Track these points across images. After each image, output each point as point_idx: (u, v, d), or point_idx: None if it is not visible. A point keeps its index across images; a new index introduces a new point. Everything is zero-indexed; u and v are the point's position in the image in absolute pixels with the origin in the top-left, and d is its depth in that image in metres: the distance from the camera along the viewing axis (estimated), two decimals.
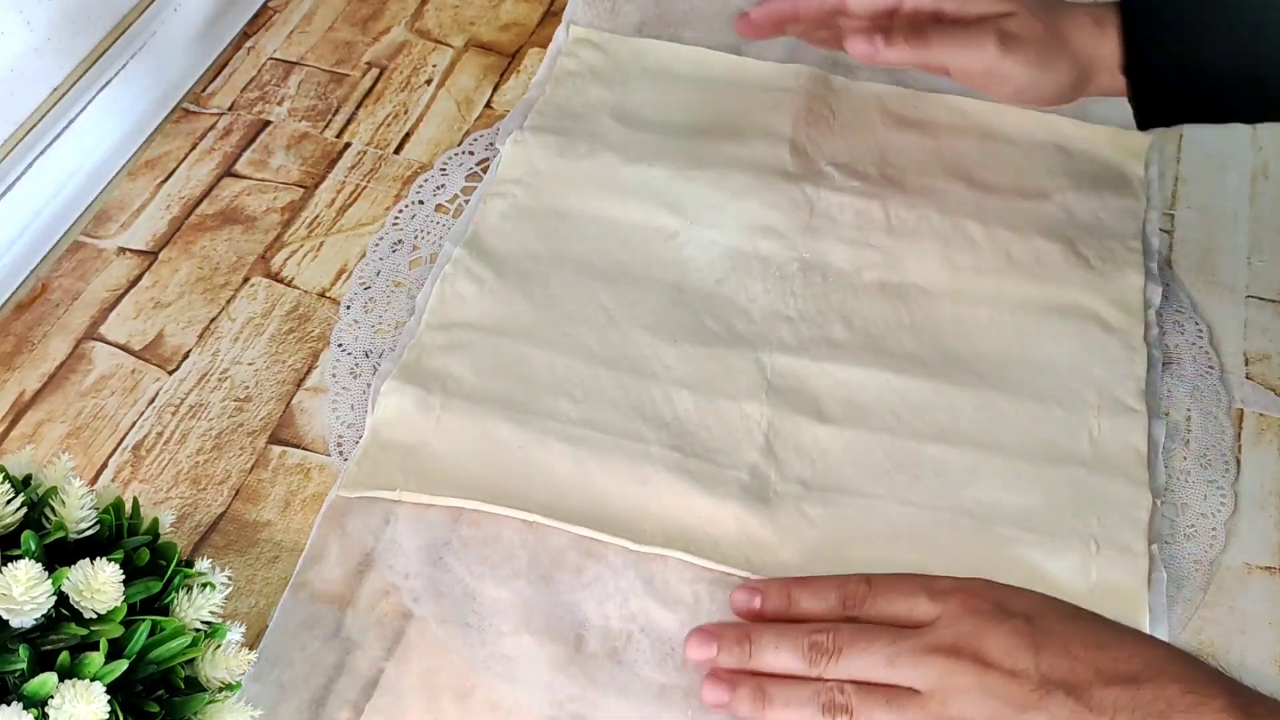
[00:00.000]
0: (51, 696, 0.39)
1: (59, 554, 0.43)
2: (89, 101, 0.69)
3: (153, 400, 0.60)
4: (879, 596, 0.48)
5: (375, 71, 0.76)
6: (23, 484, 0.45)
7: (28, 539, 0.42)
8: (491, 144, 0.72)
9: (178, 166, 0.70)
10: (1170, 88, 0.58)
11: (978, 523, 0.55)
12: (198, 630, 0.44)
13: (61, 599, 0.41)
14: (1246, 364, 0.63)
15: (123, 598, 0.42)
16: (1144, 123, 0.60)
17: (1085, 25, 0.58)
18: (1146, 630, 0.51)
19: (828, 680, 0.47)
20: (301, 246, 0.67)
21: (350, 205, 0.69)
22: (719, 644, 0.49)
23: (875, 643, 0.46)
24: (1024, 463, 0.57)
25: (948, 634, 0.45)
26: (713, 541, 0.54)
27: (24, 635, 0.41)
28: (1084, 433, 0.58)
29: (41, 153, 0.67)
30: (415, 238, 0.67)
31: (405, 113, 0.74)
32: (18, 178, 0.65)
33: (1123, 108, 0.72)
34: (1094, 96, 0.61)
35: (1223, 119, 0.60)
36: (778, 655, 0.48)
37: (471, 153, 0.72)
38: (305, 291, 0.64)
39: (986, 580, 0.48)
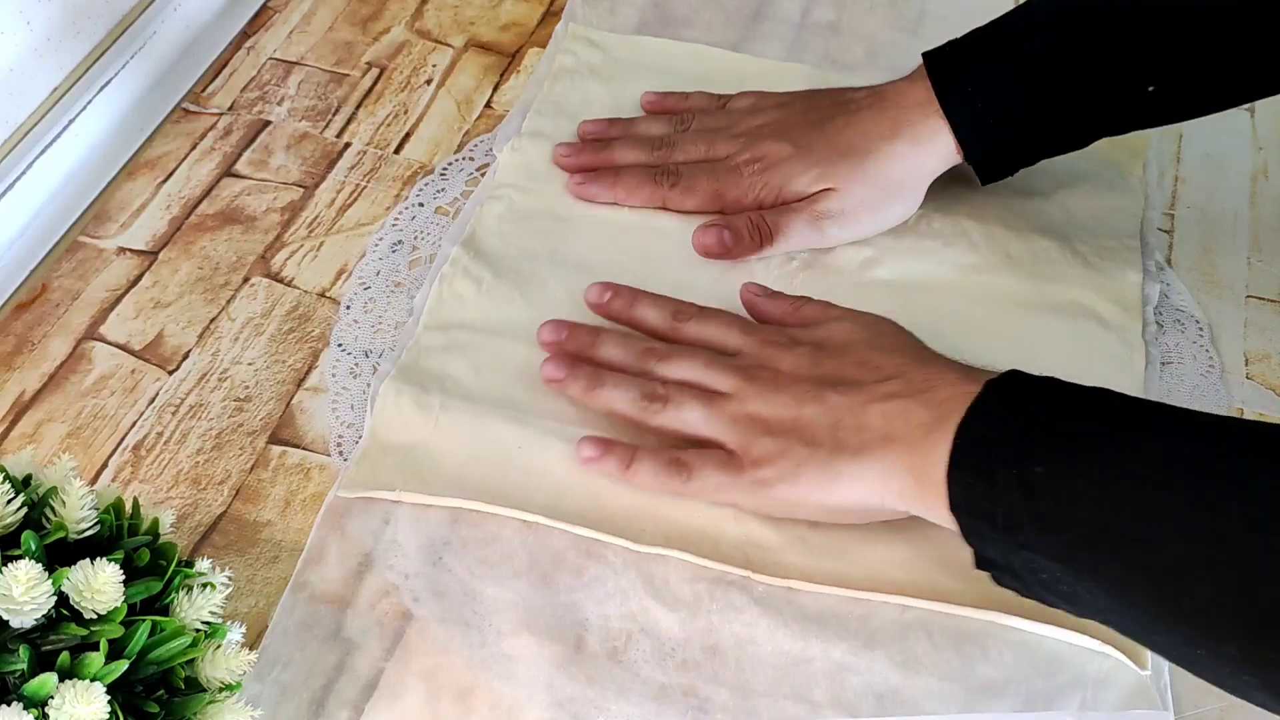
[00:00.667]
0: (51, 697, 0.39)
1: (59, 554, 0.43)
2: (89, 101, 0.69)
3: (153, 400, 0.60)
4: (702, 320, 0.57)
5: (375, 71, 0.76)
6: (23, 484, 0.45)
7: (28, 539, 0.42)
8: (491, 149, 0.72)
9: (178, 166, 0.70)
10: (1000, 142, 0.63)
11: None
12: (198, 630, 0.44)
13: (61, 599, 0.41)
14: (1246, 364, 0.63)
15: (123, 598, 0.42)
16: (986, 179, 0.65)
17: (898, 148, 0.63)
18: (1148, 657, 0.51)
19: (654, 377, 0.55)
20: (301, 246, 0.67)
21: (350, 205, 0.69)
22: (569, 332, 0.58)
23: (698, 355, 0.55)
24: None
25: (751, 359, 0.55)
26: (712, 542, 0.54)
27: (24, 635, 0.41)
28: None
29: (41, 153, 0.67)
30: (415, 238, 0.67)
31: (405, 113, 0.74)
32: (18, 178, 0.66)
33: None
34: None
35: (1051, 153, 0.64)
36: (615, 350, 0.57)
37: (471, 158, 0.72)
38: (305, 291, 0.64)
39: (784, 327, 0.57)
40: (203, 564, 0.46)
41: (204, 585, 0.45)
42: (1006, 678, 0.50)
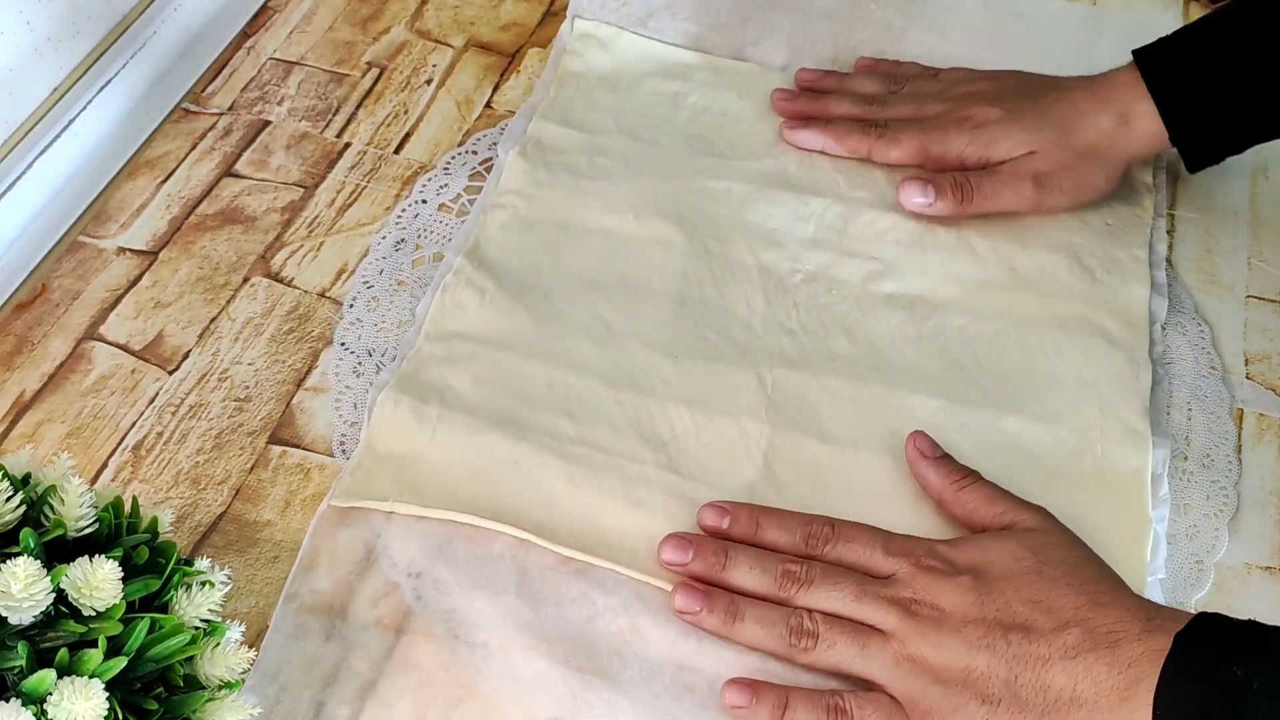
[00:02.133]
0: (50, 693, 0.39)
1: (58, 552, 0.43)
2: (89, 101, 0.69)
3: (153, 400, 0.60)
4: (840, 541, 0.52)
5: (375, 71, 0.76)
6: (22, 483, 0.45)
7: (26, 536, 0.42)
8: (494, 144, 0.72)
9: (178, 166, 0.70)
10: (1210, 126, 0.63)
11: None
12: (197, 628, 0.44)
13: (60, 596, 0.41)
14: (1246, 364, 0.63)
15: (121, 595, 0.42)
16: (1194, 165, 0.65)
17: (1104, 121, 0.64)
18: None
19: (796, 607, 0.50)
20: (301, 246, 0.67)
21: (350, 205, 0.69)
22: (695, 551, 0.52)
23: (844, 580, 0.50)
24: (1025, 488, 0.55)
25: (906, 590, 0.49)
26: None
27: (23, 632, 0.41)
28: (1087, 454, 0.58)
29: (41, 153, 0.67)
30: (418, 236, 0.67)
31: (405, 113, 0.74)
32: (18, 178, 0.66)
33: None
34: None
35: (1267, 137, 0.64)
36: (750, 574, 0.51)
37: (475, 152, 0.72)
38: (305, 291, 0.64)
39: (933, 541, 0.52)
40: (202, 563, 0.46)
41: (203, 583, 0.45)
42: None
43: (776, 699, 0.49)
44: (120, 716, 0.40)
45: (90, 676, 0.40)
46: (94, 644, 0.40)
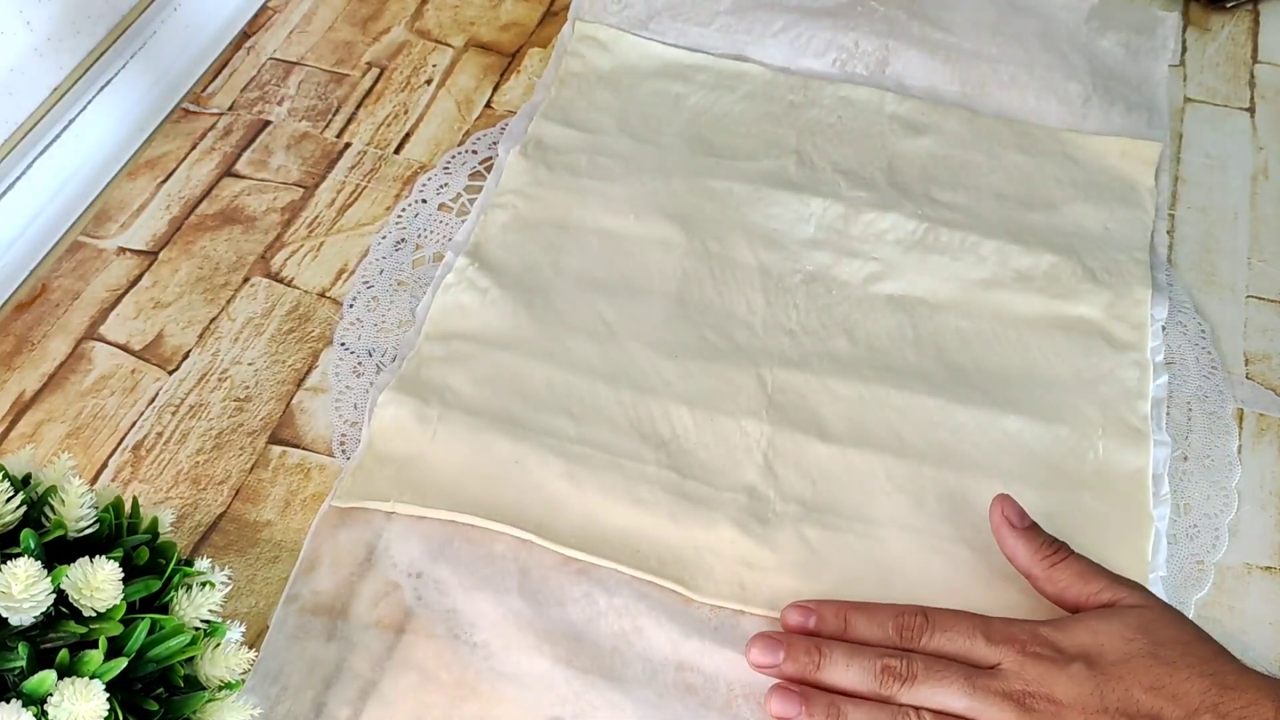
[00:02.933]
0: (50, 694, 0.39)
1: (58, 552, 0.43)
2: (89, 101, 0.69)
3: (153, 400, 0.60)
4: (936, 632, 0.49)
5: (375, 71, 0.76)
6: (22, 483, 0.45)
7: (27, 537, 0.42)
8: (495, 143, 0.72)
9: (178, 166, 0.70)
10: None
11: (978, 555, 0.54)
12: (197, 629, 0.44)
13: (61, 597, 0.41)
14: (1246, 364, 0.63)
15: (122, 596, 0.42)
16: None
17: None
18: None
19: (901, 704, 0.47)
20: (301, 246, 0.67)
21: (350, 205, 0.69)
22: (786, 651, 0.49)
23: (950, 675, 0.47)
24: (1027, 488, 0.56)
25: (1017, 682, 0.47)
26: (706, 568, 0.54)
27: (23, 633, 0.41)
28: (1088, 454, 0.58)
29: (41, 153, 0.67)
30: (418, 236, 0.67)
31: (405, 113, 0.74)
32: (18, 178, 0.65)
33: (1133, 116, 0.72)
34: None
35: None
36: (848, 672, 0.48)
37: (475, 151, 0.72)
38: (305, 291, 0.64)
39: (1034, 624, 0.49)
40: (202, 563, 0.46)
41: (203, 584, 0.45)
42: None
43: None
44: (121, 717, 0.40)
45: (91, 677, 0.40)
46: (94, 645, 0.40)
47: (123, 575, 0.42)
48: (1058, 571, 0.50)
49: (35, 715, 0.38)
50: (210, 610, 0.45)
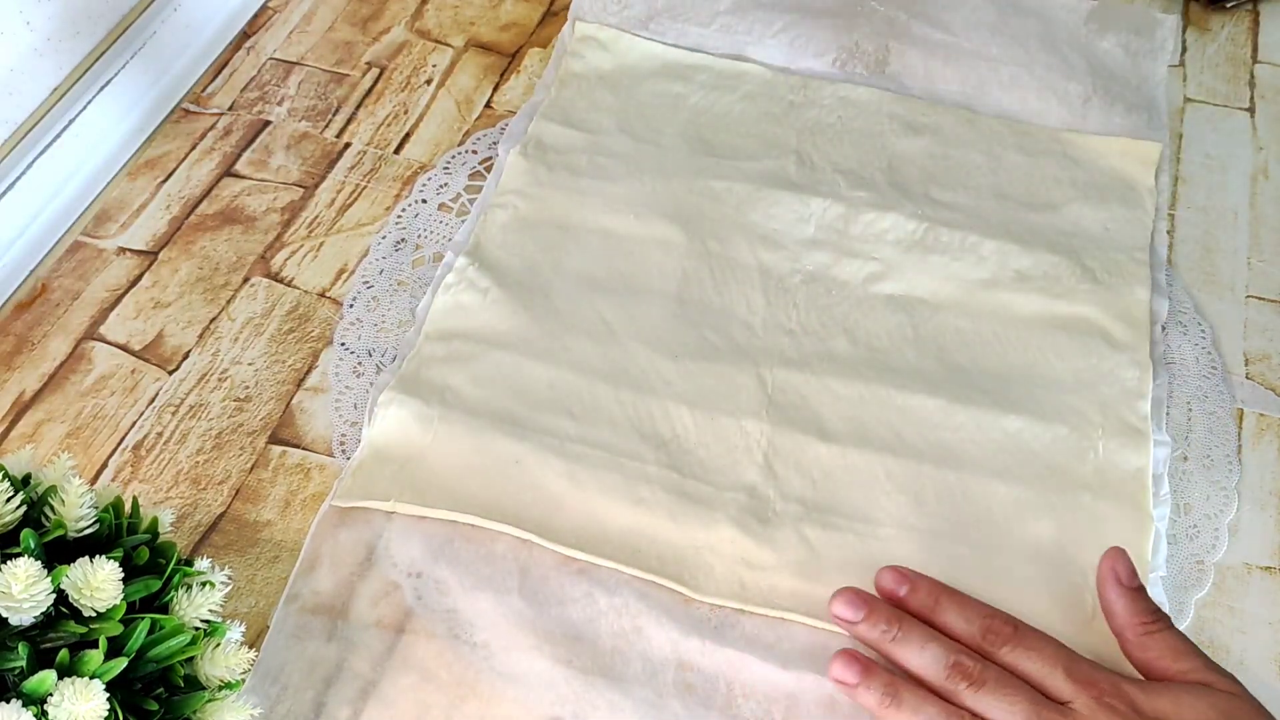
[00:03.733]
0: (50, 694, 0.39)
1: (58, 552, 0.43)
2: (89, 101, 0.69)
3: (153, 400, 0.60)
4: (1020, 647, 0.48)
5: (375, 71, 0.76)
6: (22, 483, 0.45)
7: (27, 537, 0.42)
8: (495, 143, 0.72)
9: (178, 166, 0.70)
10: None
11: (978, 554, 0.54)
12: (197, 629, 0.44)
13: (61, 597, 0.41)
14: (1246, 364, 0.63)
15: (122, 596, 0.42)
16: None
17: None
18: None
19: (961, 708, 0.47)
20: (301, 246, 0.67)
21: (350, 205, 0.69)
22: (867, 613, 0.49)
23: (1018, 695, 0.46)
24: (1026, 488, 0.56)
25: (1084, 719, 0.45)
26: (707, 567, 0.54)
27: (23, 633, 0.41)
28: (1088, 453, 0.58)
29: (41, 153, 0.67)
30: (418, 236, 0.67)
31: (405, 113, 0.74)
32: (18, 178, 0.65)
33: (1133, 117, 0.73)
34: None
35: None
36: (920, 656, 0.48)
37: (475, 151, 0.72)
38: (305, 291, 0.64)
39: (1119, 677, 0.48)
40: (202, 563, 0.46)
41: (203, 584, 0.45)
42: None
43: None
44: (121, 717, 0.40)
45: (91, 677, 0.40)
46: (94, 645, 0.40)
47: (123, 575, 0.42)
48: (1152, 640, 0.49)
49: (35, 715, 0.38)
50: (210, 610, 0.45)
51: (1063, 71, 0.74)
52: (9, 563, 0.40)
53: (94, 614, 0.41)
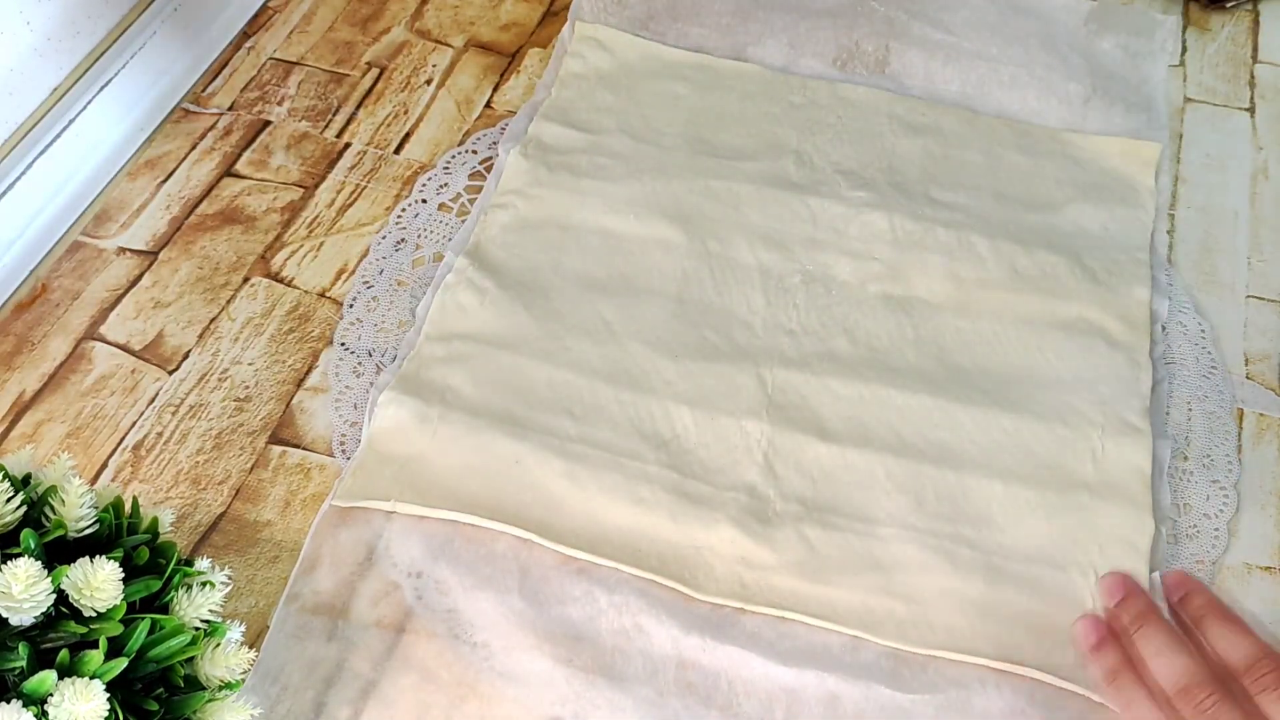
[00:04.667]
0: (51, 694, 0.39)
1: (58, 552, 0.43)
2: (89, 101, 0.69)
3: (153, 400, 0.60)
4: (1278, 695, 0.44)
5: (375, 71, 0.76)
6: (22, 483, 0.45)
7: (27, 537, 0.42)
8: (495, 143, 0.72)
9: (178, 166, 0.70)
10: None
11: (978, 554, 0.54)
12: (197, 629, 0.44)
13: (61, 597, 0.41)
14: (1246, 364, 0.63)
15: (122, 596, 0.42)
16: None
17: None
18: None
19: None
20: (301, 246, 0.67)
21: (350, 205, 0.69)
22: (1125, 598, 0.50)
23: None
24: (1026, 487, 0.56)
25: None
26: (707, 567, 0.54)
27: (23, 633, 0.41)
28: (1088, 453, 0.58)
29: (41, 153, 0.67)
30: (418, 236, 0.67)
31: (405, 113, 0.74)
32: (18, 178, 0.65)
33: (1133, 117, 0.73)
34: None
35: None
36: (1156, 658, 0.47)
37: (475, 151, 0.72)
38: (305, 291, 0.64)
39: None
40: (202, 563, 0.46)
41: (203, 584, 0.45)
42: (1005, 708, 0.50)
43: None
44: (121, 717, 0.40)
45: (91, 677, 0.40)
46: (95, 645, 0.40)
47: (123, 575, 0.42)
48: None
49: (35, 715, 0.38)
50: (210, 610, 0.45)
51: (1063, 72, 0.74)
52: (9, 563, 0.40)
53: (94, 614, 0.41)
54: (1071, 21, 0.78)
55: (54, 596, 0.41)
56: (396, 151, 0.72)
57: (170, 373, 0.61)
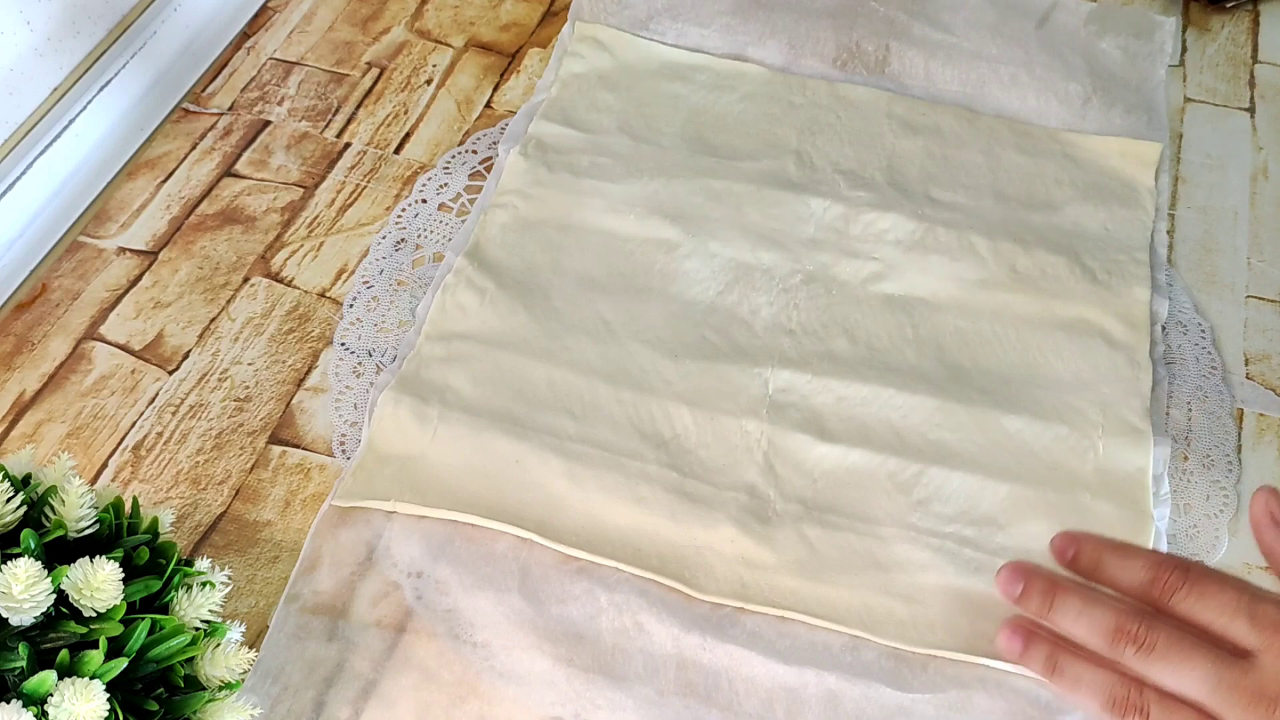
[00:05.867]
0: (51, 694, 0.39)
1: (59, 553, 0.43)
2: (89, 101, 0.69)
3: (153, 400, 0.60)
4: (1193, 594, 0.44)
5: (375, 71, 0.76)
6: (22, 483, 0.45)
7: (27, 537, 0.42)
8: (495, 143, 0.72)
9: (178, 166, 0.70)
10: None
11: (978, 554, 0.54)
12: (197, 629, 0.44)
13: (61, 597, 0.41)
14: (1246, 364, 0.63)
15: (122, 596, 0.42)
16: None
17: None
18: None
19: (1128, 674, 0.43)
20: (301, 246, 0.67)
21: (350, 205, 0.69)
22: (1025, 586, 0.47)
23: (1193, 658, 0.42)
24: (1027, 487, 0.56)
25: (1273, 680, 0.40)
26: (707, 566, 0.54)
27: (24, 633, 0.41)
28: (1088, 453, 0.58)
29: (41, 153, 0.67)
30: (418, 236, 0.67)
31: (405, 113, 0.74)
32: (18, 178, 0.65)
33: (1133, 117, 0.73)
34: None
35: None
36: (1078, 623, 0.45)
37: (474, 151, 0.72)
38: (305, 291, 0.64)
39: None
40: (202, 563, 0.46)
41: (203, 584, 0.45)
42: (1006, 708, 0.50)
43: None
44: (121, 717, 0.40)
45: (91, 677, 0.40)
46: (95, 645, 0.40)
47: (123, 575, 0.42)
48: None
49: (35, 715, 0.38)
50: (210, 610, 0.45)
51: (1062, 72, 0.75)
52: (9, 563, 0.40)
53: (94, 614, 0.41)
54: (1070, 23, 0.78)
55: (54, 596, 0.41)
56: (396, 151, 0.72)
57: (170, 373, 0.61)
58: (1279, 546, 0.45)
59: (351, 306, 0.63)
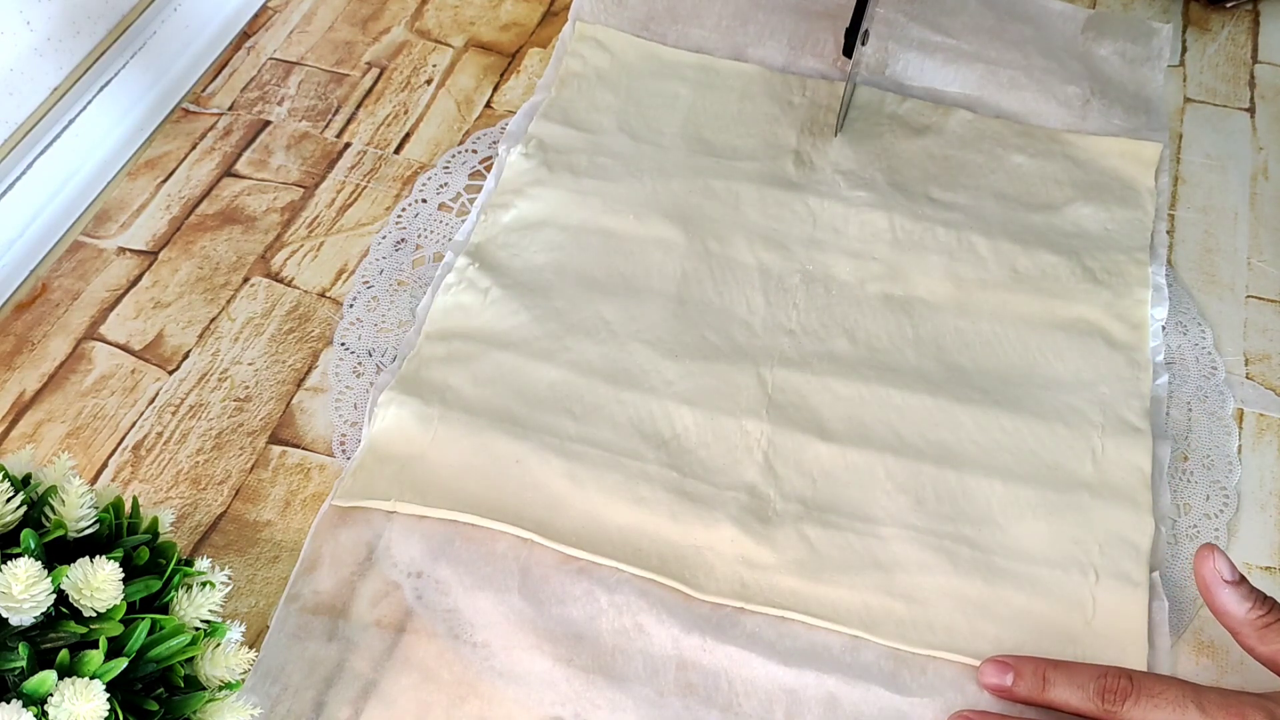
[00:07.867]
0: (51, 694, 0.39)
1: (59, 552, 0.43)
2: (89, 101, 0.69)
3: (153, 400, 0.60)
4: (1142, 697, 0.47)
5: (375, 71, 0.76)
6: (22, 483, 0.45)
7: (27, 537, 0.42)
8: (495, 143, 0.72)
9: (178, 166, 0.70)
10: None
11: (978, 554, 0.54)
12: (197, 629, 0.44)
13: (61, 597, 0.41)
14: (1246, 364, 0.63)
15: (122, 596, 0.42)
16: None
17: None
18: (1144, 658, 0.51)
19: None
20: (301, 246, 0.67)
21: (350, 205, 0.69)
22: (1016, 674, 0.50)
23: None
24: (1026, 487, 0.56)
25: None
26: (707, 566, 0.54)
27: (23, 633, 0.41)
28: (1088, 453, 0.58)
29: (41, 153, 0.67)
30: (418, 236, 0.67)
31: (405, 113, 0.74)
32: (18, 178, 0.65)
33: (1133, 117, 0.73)
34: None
35: None
36: (1065, 693, 0.48)
37: (475, 151, 0.72)
38: (305, 291, 0.64)
39: (1256, 697, 0.46)
40: (202, 563, 0.46)
41: (203, 584, 0.45)
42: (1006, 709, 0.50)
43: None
44: (121, 717, 0.40)
45: (91, 677, 0.40)
46: (95, 645, 0.40)
47: (123, 575, 0.42)
48: (1272, 633, 0.47)
49: (35, 715, 0.38)
50: (210, 610, 0.45)
51: (1061, 75, 0.75)
52: (9, 563, 0.40)
53: (94, 614, 0.41)
54: (1068, 30, 0.78)
55: (54, 596, 0.41)
56: (396, 151, 0.72)
57: (170, 373, 0.61)
58: (1233, 604, 0.48)
59: (351, 306, 0.63)
